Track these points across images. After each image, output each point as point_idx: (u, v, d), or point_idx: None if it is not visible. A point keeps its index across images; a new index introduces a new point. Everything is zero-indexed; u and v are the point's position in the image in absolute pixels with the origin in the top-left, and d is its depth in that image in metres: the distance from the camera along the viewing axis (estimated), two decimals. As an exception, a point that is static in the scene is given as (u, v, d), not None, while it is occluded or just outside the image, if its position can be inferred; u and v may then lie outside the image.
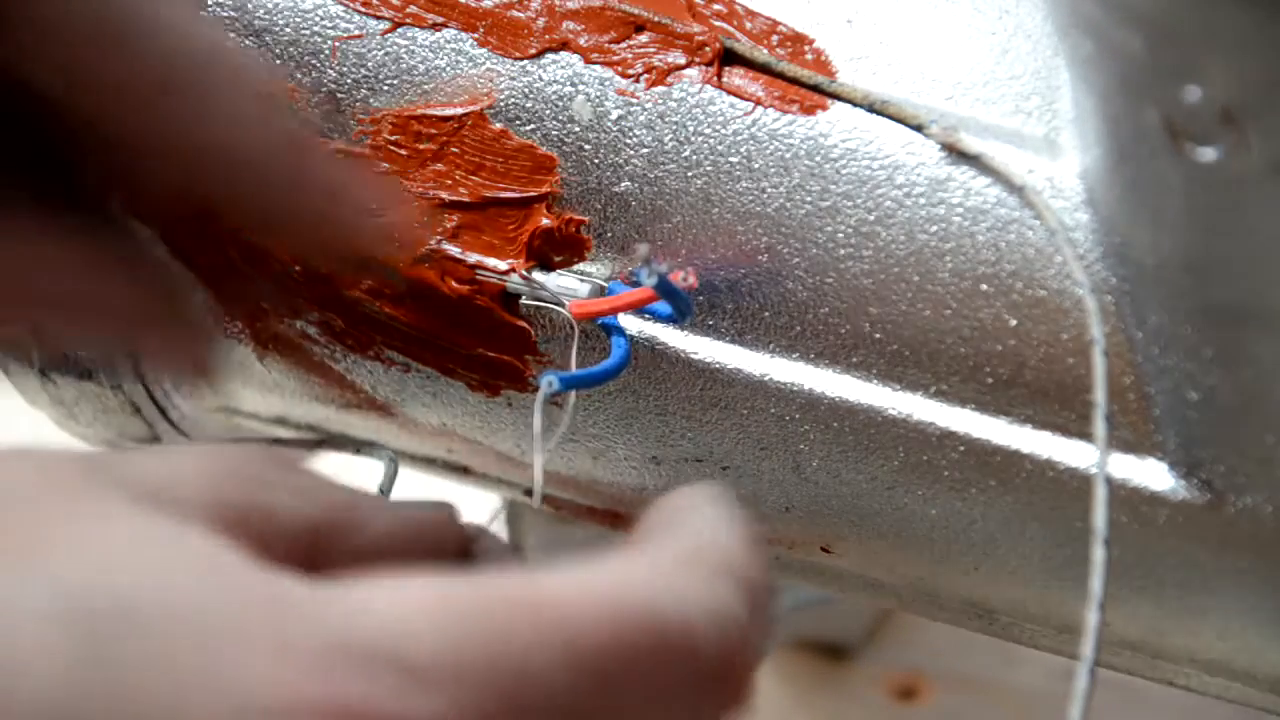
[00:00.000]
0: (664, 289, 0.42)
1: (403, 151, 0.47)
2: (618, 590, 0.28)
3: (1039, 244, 0.42)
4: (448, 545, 0.36)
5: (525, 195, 0.46)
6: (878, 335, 0.44)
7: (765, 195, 0.44)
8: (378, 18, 0.47)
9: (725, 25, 0.46)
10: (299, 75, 0.47)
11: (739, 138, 0.45)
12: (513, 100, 0.46)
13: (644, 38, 0.46)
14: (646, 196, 0.45)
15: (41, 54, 0.34)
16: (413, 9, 0.47)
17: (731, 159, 0.45)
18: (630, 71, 0.45)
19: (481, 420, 0.50)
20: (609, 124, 0.45)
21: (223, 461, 0.31)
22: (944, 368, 0.44)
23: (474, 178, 0.46)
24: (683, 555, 0.30)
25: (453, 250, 0.47)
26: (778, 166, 0.44)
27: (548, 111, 0.46)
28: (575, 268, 0.46)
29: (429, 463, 0.55)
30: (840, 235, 0.44)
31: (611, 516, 0.53)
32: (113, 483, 0.29)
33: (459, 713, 0.26)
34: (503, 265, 0.46)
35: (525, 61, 0.46)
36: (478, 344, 0.48)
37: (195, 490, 0.30)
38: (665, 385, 0.47)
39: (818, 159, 0.44)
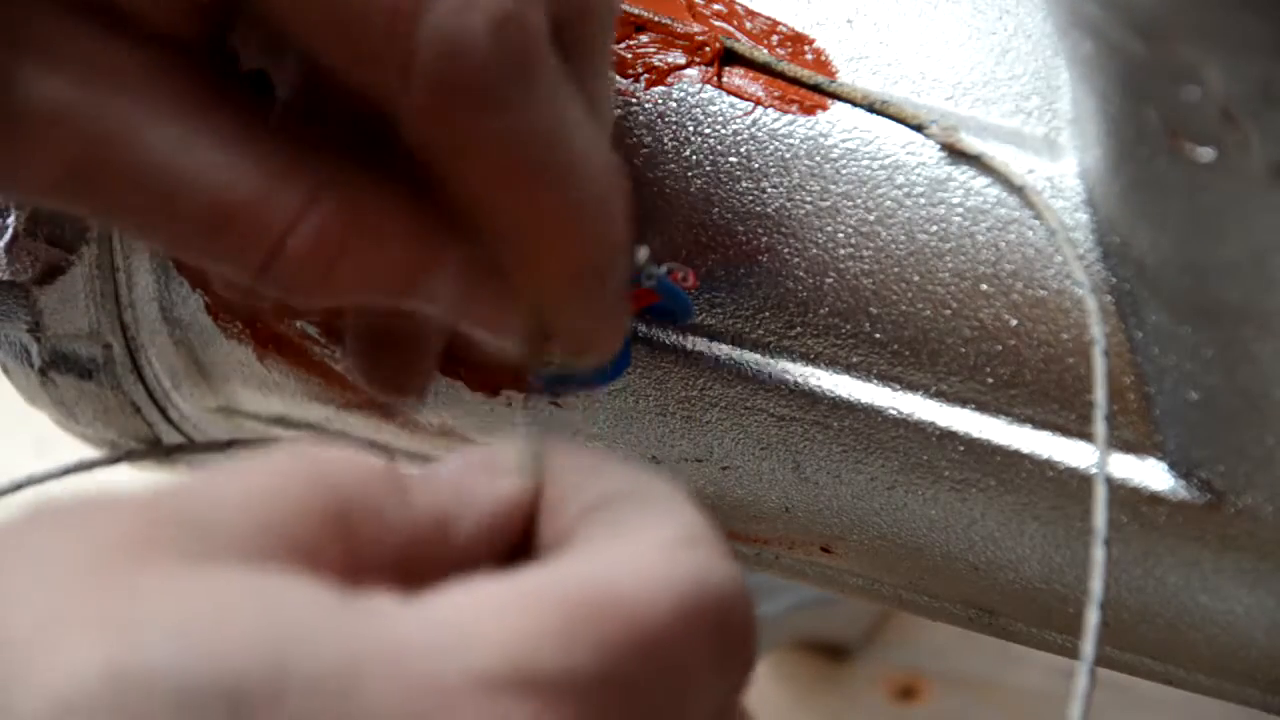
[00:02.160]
0: (663, 290, 0.42)
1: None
2: (671, 581, 0.29)
3: (1039, 244, 0.42)
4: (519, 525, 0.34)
5: (525, 195, 0.46)
6: (878, 335, 0.44)
7: (765, 195, 0.44)
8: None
9: (725, 25, 0.46)
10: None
11: (739, 138, 0.45)
12: (513, 100, 0.46)
13: (644, 38, 0.46)
14: (646, 196, 0.45)
15: None
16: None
17: (731, 159, 0.45)
18: (630, 71, 0.45)
19: (481, 420, 0.50)
20: (609, 124, 0.45)
21: (298, 487, 0.29)
22: (944, 368, 0.44)
23: (474, 178, 0.46)
24: (675, 538, 0.30)
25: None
26: (778, 166, 0.44)
27: (548, 111, 0.46)
28: (575, 268, 0.46)
29: (429, 463, 0.55)
30: (840, 235, 0.44)
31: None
32: (175, 542, 0.27)
33: None
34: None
35: (525, 61, 0.46)
36: (478, 343, 0.48)
37: (271, 525, 0.28)
38: (665, 385, 0.47)
39: (818, 159, 0.44)
